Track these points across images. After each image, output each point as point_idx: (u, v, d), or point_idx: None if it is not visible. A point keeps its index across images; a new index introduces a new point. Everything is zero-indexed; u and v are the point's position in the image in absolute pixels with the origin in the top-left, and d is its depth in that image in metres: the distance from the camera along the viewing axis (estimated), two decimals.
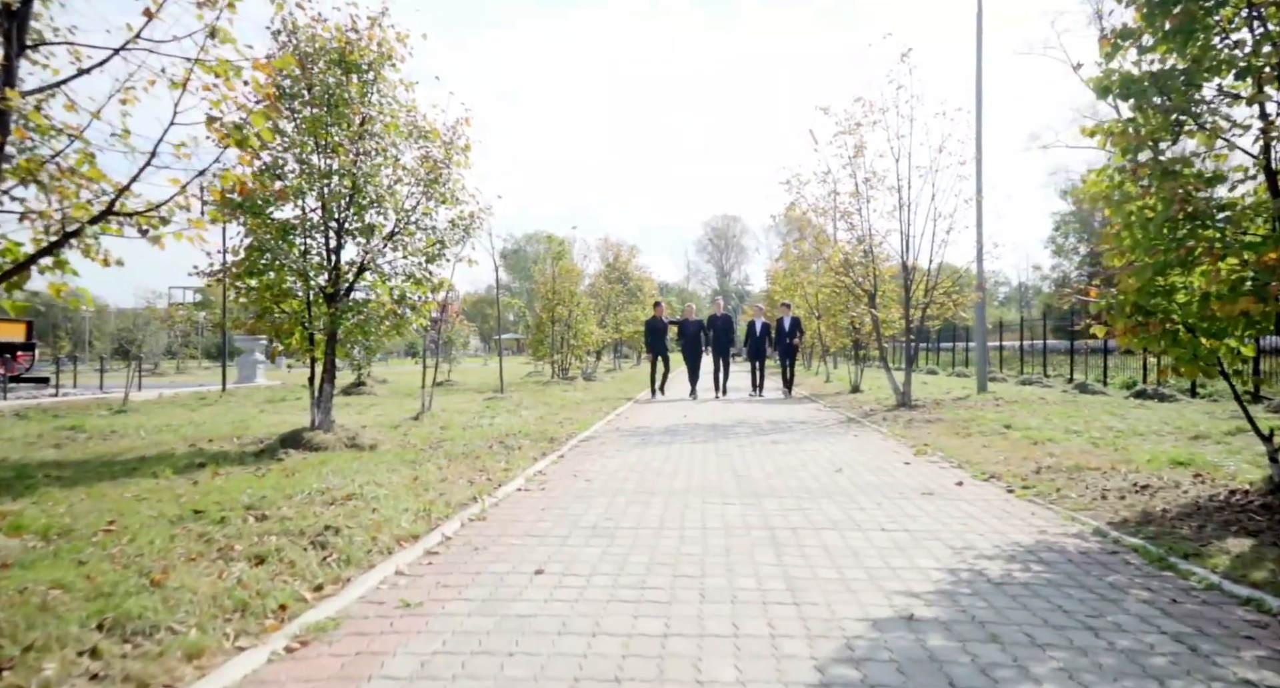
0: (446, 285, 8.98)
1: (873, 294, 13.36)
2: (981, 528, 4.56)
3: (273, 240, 7.52)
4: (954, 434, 9.02)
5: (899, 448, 8.24)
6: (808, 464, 7.20)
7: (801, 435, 9.54)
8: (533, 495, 5.73)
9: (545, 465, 7.15)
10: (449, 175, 8.70)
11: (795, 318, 16.17)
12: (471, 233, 9.23)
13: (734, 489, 5.96)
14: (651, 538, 4.42)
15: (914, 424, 10.13)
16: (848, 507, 5.25)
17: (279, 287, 7.77)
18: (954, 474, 6.48)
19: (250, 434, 9.13)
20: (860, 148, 13.16)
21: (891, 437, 9.20)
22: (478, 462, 7.00)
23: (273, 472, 6.34)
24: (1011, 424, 9.27)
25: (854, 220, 13.29)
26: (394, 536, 4.16)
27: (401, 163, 8.32)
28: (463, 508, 5.07)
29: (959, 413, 11.12)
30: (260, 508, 4.67)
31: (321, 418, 8.15)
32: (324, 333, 8.08)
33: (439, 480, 5.91)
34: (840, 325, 18.20)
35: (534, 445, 8.28)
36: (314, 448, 7.68)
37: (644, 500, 5.53)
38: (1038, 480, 5.81)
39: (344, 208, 7.93)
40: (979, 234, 14.43)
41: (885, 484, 6.08)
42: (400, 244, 8.48)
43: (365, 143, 7.87)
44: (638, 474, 6.70)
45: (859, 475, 6.53)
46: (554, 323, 22.24)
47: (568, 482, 6.34)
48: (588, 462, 7.42)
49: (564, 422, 10.92)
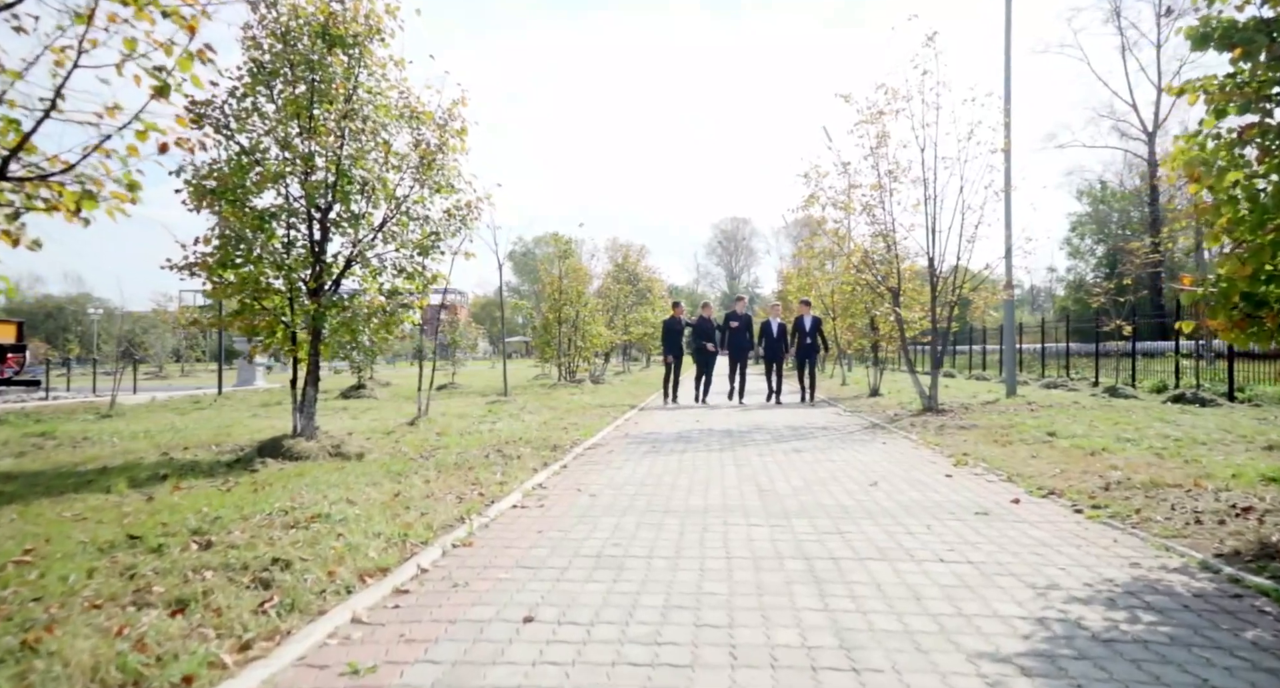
0: (441, 280, 8.29)
1: (897, 292, 12.61)
2: (1060, 559, 3.83)
3: (249, 230, 6.84)
4: (993, 442, 8.27)
5: (935, 458, 7.50)
6: (838, 476, 6.47)
7: (825, 443, 8.81)
8: (529, 514, 5.03)
9: (546, 477, 6.45)
10: (444, 161, 8.02)
11: (816, 317, 15.12)
12: (469, 224, 8.56)
13: (758, 507, 5.24)
14: (666, 571, 3.71)
15: (946, 431, 9.38)
16: (893, 530, 4.52)
17: (256, 281, 7.10)
18: (1005, 490, 5.74)
19: (231, 441, 8.47)
20: (883, 137, 12.42)
21: (924, 445, 8.46)
22: (471, 473, 6.30)
23: (240, 485, 5.66)
24: (1055, 431, 8.51)
25: (876, 214, 12.55)
26: (357, 569, 3.46)
27: (392, 147, 7.64)
28: (447, 531, 4.37)
29: (993, 418, 10.36)
30: (208, 533, 3.99)
31: (304, 424, 7.47)
32: (306, 331, 7.41)
33: (423, 497, 5.21)
34: (858, 326, 17.44)
35: (535, 454, 7.58)
36: (294, 457, 7.01)
37: (656, 521, 4.82)
38: (1109, 499, 5.06)
39: (328, 195, 7.26)
40: (1008, 228, 13.67)
41: (930, 502, 5.35)
42: (391, 235, 7.80)
43: (351, 123, 7.19)
44: (649, 489, 5.99)
45: (898, 490, 5.80)
46: (561, 324, 21.55)
47: (570, 497, 5.64)
48: (593, 474, 6.71)
49: (569, 427, 10.22)
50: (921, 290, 14.35)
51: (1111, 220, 54.55)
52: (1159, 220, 45.51)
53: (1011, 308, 14.38)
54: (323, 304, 7.20)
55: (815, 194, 12.65)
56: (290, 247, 7.31)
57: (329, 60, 7.17)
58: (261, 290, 7.28)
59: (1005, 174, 13.11)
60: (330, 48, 7.17)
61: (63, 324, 77.65)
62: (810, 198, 12.71)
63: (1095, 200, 55.41)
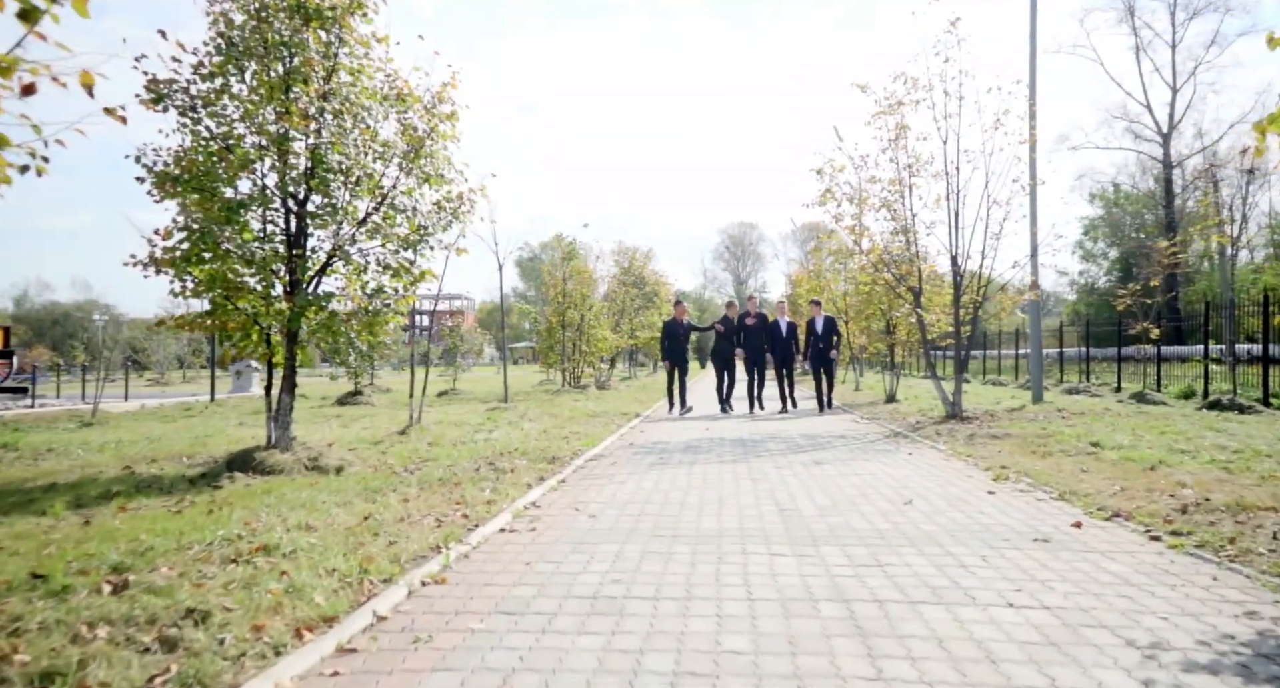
0: (430, 277, 7.65)
1: (918, 292, 11.92)
2: (1156, 605, 3.15)
3: (216, 222, 6.22)
4: (1030, 453, 7.58)
5: (970, 471, 6.82)
6: (866, 493, 5.80)
7: (846, 454, 8.13)
8: (518, 541, 4.37)
9: (541, 494, 5.80)
10: (432, 148, 7.39)
11: (829, 318, 13.91)
12: (461, 217, 7.92)
13: (780, 531, 4.58)
14: (676, 619, 3.05)
15: (977, 440, 8.69)
16: (942, 561, 3.85)
17: (226, 278, 6.47)
18: (1060, 510, 5.06)
19: (206, 453, 7.85)
20: (902, 129, 11.75)
21: (955, 456, 7.77)
22: (457, 490, 5.64)
23: (196, 506, 5.02)
24: (1099, 442, 7.80)
25: (896, 210, 11.87)
26: (294, 621, 2.81)
27: (376, 132, 7.01)
28: (417, 564, 3.71)
29: (1024, 427, 9.66)
30: (130, 569, 3.34)
31: (279, 435, 6.84)
32: (281, 333, 6.78)
33: (397, 520, 4.56)
34: (873, 329, 16.74)
35: (530, 467, 6.92)
36: (265, 471, 6.38)
37: (664, 550, 4.16)
38: (1190, 524, 4.37)
39: (303, 184, 6.63)
40: (1033, 225, 12.96)
41: (977, 524, 4.68)
42: (375, 229, 7.16)
43: (329, 104, 6.57)
44: (655, 507, 5.33)
45: (937, 510, 5.12)
46: (564, 328, 20.90)
47: (566, 519, 4.98)
48: (593, 489, 6.05)
49: (570, 436, 9.56)
50: (940, 291, 13.67)
51: (1125, 223, 53.65)
52: (1174, 223, 44.67)
53: (1038, 310, 13.68)
54: (298, 304, 6.57)
55: (830, 189, 11.98)
56: (266, 241, 6.69)
57: (305, 36, 6.56)
58: (234, 288, 6.66)
59: (1030, 167, 12.43)
60: (306, 23, 6.56)
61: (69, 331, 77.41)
62: (825, 194, 12.04)
63: (1108, 203, 54.57)
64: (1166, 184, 46.94)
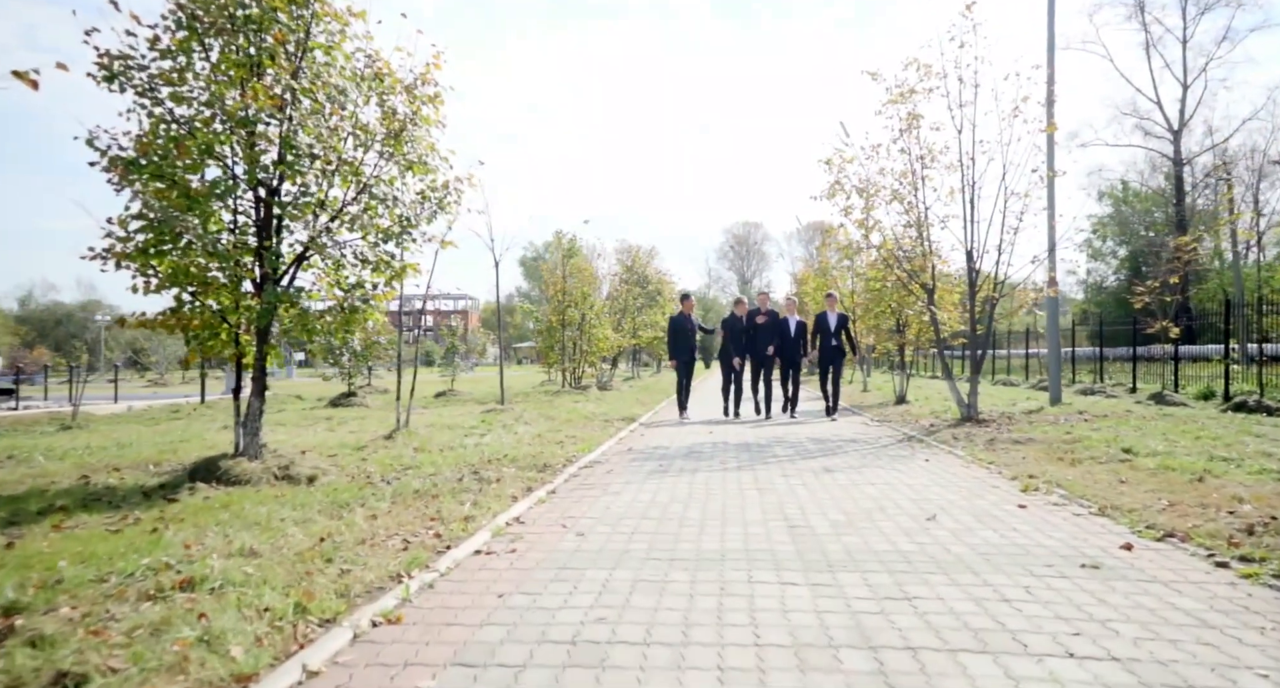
0: (413, 272, 7.14)
1: (931, 289, 11.38)
2: (1250, 656, 2.61)
3: (173, 210, 5.71)
4: (1058, 461, 7.05)
5: (996, 481, 6.28)
6: (884, 506, 5.27)
7: (858, 460, 7.60)
8: (494, 566, 3.85)
9: (526, 508, 5.28)
10: (414, 133, 6.88)
11: (842, 315, 12.70)
12: (447, 208, 7.41)
13: (791, 553, 4.05)
14: (669, 673, 2.53)
15: (998, 446, 8.15)
16: (979, 593, 3.32)
17: (187, 271, 5.96)
18: (1104, 528, 4.53)
19: (176, 459, 7.36)
20: (914, 118, 11.21)
21: (975, 462, 7.24)
22: (434, 504, 5.13)
23: (141, 523, 4.52)
24: (1131, 448, 7.26)
25: (908, 203, 11.33)
26: (198, 683, 2.29)
27: (353, 114, 6.49)
28: (371, 598, 3.20)
29: (1047, 431, 9.11)
30: (24, 610, 2.83)
31: (247, 441, 6.33)
32: (249, 331, 6.27)
33: (358, 542, 4.04)
34: (883, 328, 16.19)
35: (519, 476, 6.41)
36: (231, 481, 5.88)
37: (659, 577, 3.64)
38: (1259, 547, 3.83)
39: (273, 171, 6.12)
40: (1051, 218, 12.41)
41: (1013, 545, 4.15)
42: (353, 219, 6.65)
43: (299, 82, 6.06)
44: (651, 524, 4.81)
45: (965, 527, 4.59)
46: (565, 327, 20.38)
47: (551, 537, 4.46)
48: (584, 502, 5.53)
49: (565, 441, 9.04)
50: (951, 290, 13.13)
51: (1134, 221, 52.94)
52: (1185, 221, 44.00)
53: (1056, 308, 13.11)
54: (267, 300, 6.06)
55: (840, 181, 11.44)
56: (238, 232, 6.20)
57: (275, 13, 6.04)
58: (201, 283, 6.16)
59: (1048, 157, 11.88)
60: None
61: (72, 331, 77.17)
62: (834, 186, 11.50)
63: (1117, 201, 53.89)
64: (1177, 181, 46.27)
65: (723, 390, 12.94)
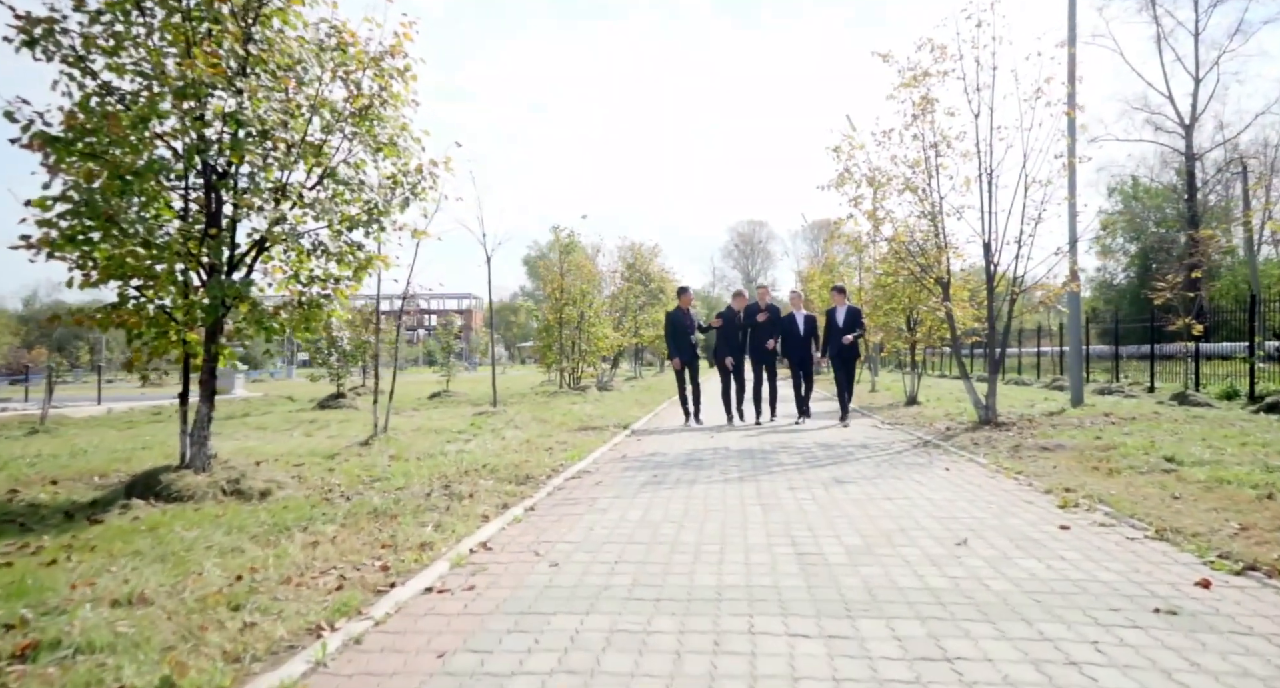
0: (379, 263, 6.49)
1: (946, 284, 10.71)
2: None
3: (107, 195, 5.08)
4: (1092, 470, 6.38)
5: (1028, 494, 5.62)
6: (905, 527, 4.62)
7: (872, 469, 6.94)
8: (444, 609, 3.21)
9: (498, 529, 4.63)
10: (383, 113, 6.23)
11: (853, 308, 11.39)
12: (420, 194, 6.77)
13: (800, 592, 3.40)
14: None
15: (1024, 453, 7.48)
16: (1037, 651, 2.67)
17: (124, 263, 5.32)
18: (1167, 557, 3.86)
19: (126, 470, 6.77)
20: (928, 102, 10.53)
21: (1002, 472, 6.58)
22: (390, 526, 4.49)
23: (42, 552, 3.89)
24: (1174, 457, 6.58)
25: (922, 192, 10.65)
26: None
27: (311, 87, 5.84)
28: (272, 663, 2.55)
29: (1074, 435, 8.44)
30: None
31: (194, 452, 5.70)
32: (192, 328, 5.63)
33: (283, 580, 3.39)
34: (892, 326, 15.50)
35: (496, 490, 5.77)
36: (171, 497, 5.26)
37: (640, 625, 2.99)
38: None
39: (219, 150, 5.47)
40: (1072, 209, 11.74)
41: (1064, 580, 3.48)
42: (312, 206, 6.00)
43: (247, 48, 5.41)
44: (639, 550, 4.16)
45: (1003, 555, 3.93)
46: (562, 326, 19.73)
47: (520, 568, 3.81)
48: (566, 521, 4.88)
49: (555, 447, 8.40)
50: (963, 285, 12.45)
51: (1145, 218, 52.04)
52: (1197, 216, 43.15)
53: (1078, 303, 12.41)
54: (212, 294, 5.42)
55: (849, 169, 10.77)
56: (190, 219, 5.56)
57: None
58: (147, 276, 5.53)
59: (1070, 134, 11.16)
60: None
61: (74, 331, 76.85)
62: (843, 175, 10.83)
63: (1126, 197, 52.99)
64: (1189, 177, 45.41)
65: (722, 395, 11.64)
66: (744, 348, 11.44)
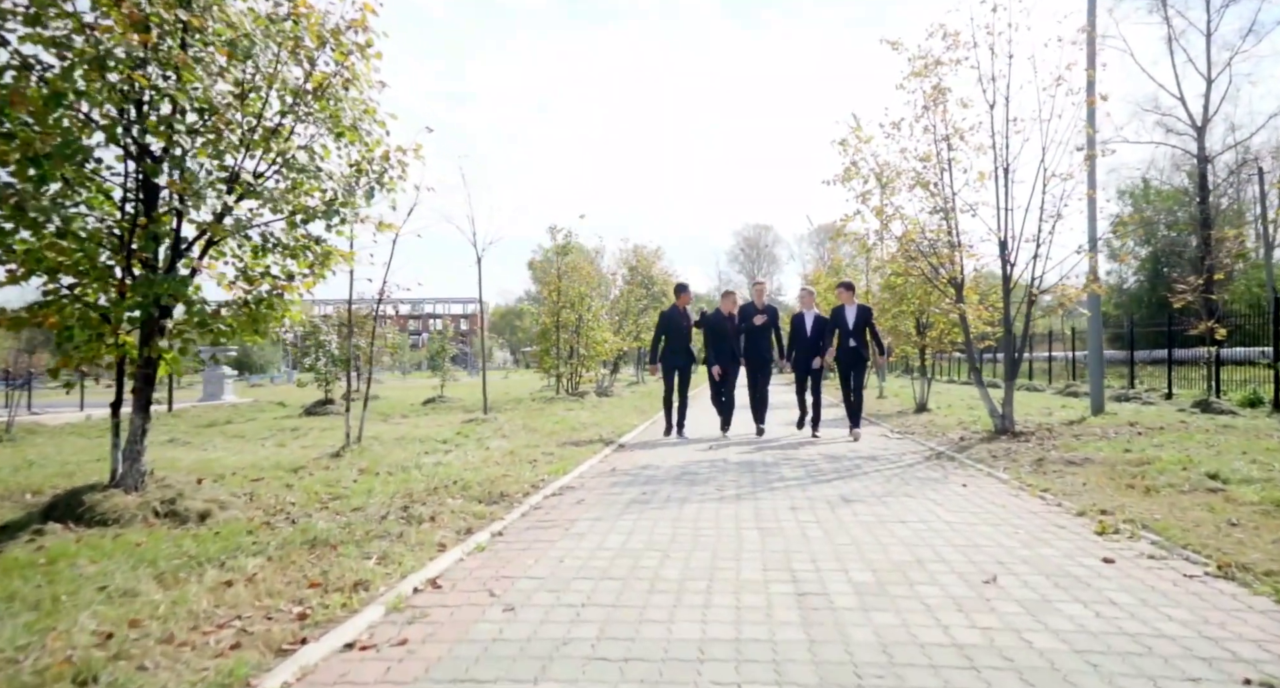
0: (338, 259, 5.89)
1: (960, 285, 10.08)
2: None
3: (14, 177, 4.49)
4: (1128, 488, 5.75)
5: (1057, 516, 4.99)
6: (923, 558, 4.00)
7: (882, 486, 6.32)
8: (360, 675, 2.60)
9: (454, 561, 4.03)
10: (341, 93, 5.65)
11: (863, 307, 10.04)
12: (388, 184, 6.19)
13: (800, 645, 2.79)
14: None
15: (1047, 467, 6.85)
16: None
17: (41, 254, 4.74)
18: (1238, 601, 3.23)
19: (67, 485, 6.12)
20: (940, 92, 9.92)
21: (1025, 489, 5.96)
22: (328, 558, 3.89)
23: None
24: (1217, 473, 5.95)
25: (933, 188, 10.03)
26: None
27: (256, 59, 5.23)
28: None
29: (1100, 448, 7.80)
30: None
31: (126, 468, 5.11)
32: (119, 330, 5.03)
33: (164, 638, 2.78)
34: (901, 329, 14.87)
35: (463, 511, 5.16)
36: (95, 520, 4.68)
37: None
38: None
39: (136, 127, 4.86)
40: (1091, 203, 11.11)
41: (1122, 635, 2.86)
42: (261, 195, 5.40)
43: (176, 11, 4.81)
44: (612, 589, 3.55)
45: (1041, 598, 3.31)
46: (559, 329, 19.13)
47: (468, 615, 3.20)
48: (533, 551, 4.27)
49: (540, 460, 7.79)
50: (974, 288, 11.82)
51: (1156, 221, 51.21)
52: (1210, 218, 42.36)
53: (1098, 305, 11.75)
54: (140, 291, 4.83)
55: (856, 162, 10.16)
56: (97, 206, 4.98)
57: None
58: (77, 273, 4.95)
59: (1089, 137, 10.54)
60: None
61: None
62: (849, 168, 10.22)
63: (1136, 200, 52.18)
64: (1201, 179, 44.60)
65: (714, 401, 10.55)
66: (737, 355, 10.33)
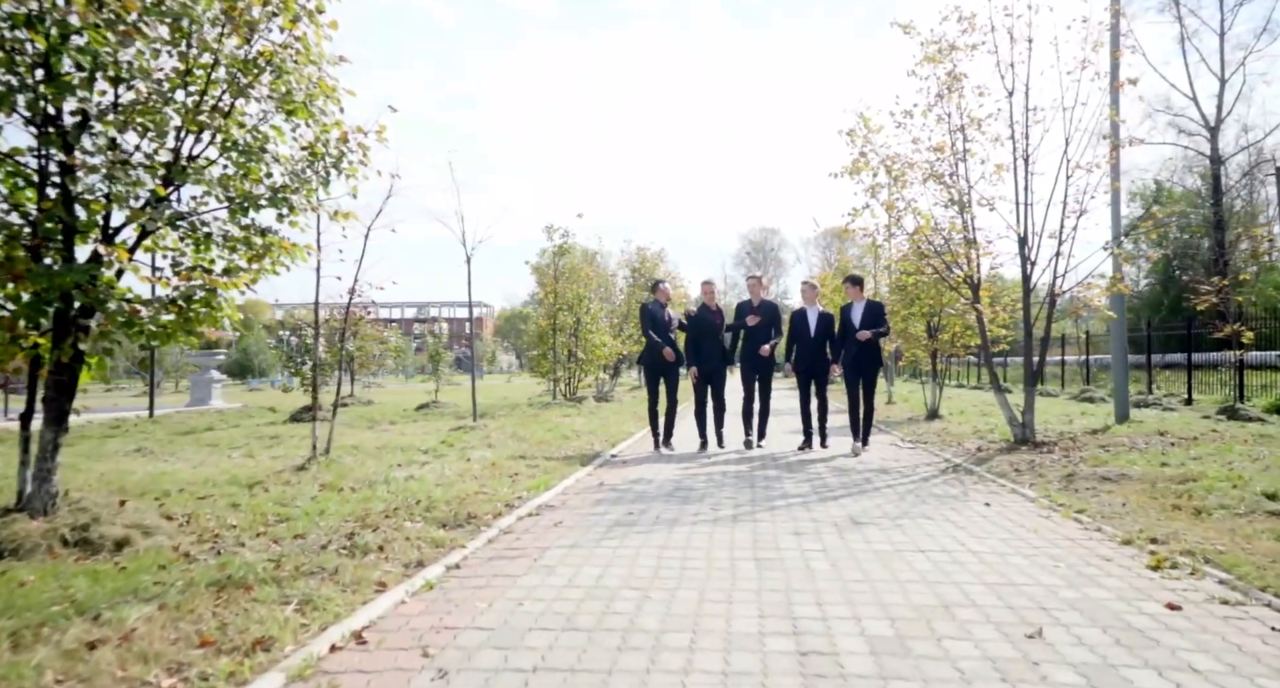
0: (290, 252, 5.25)
1: (976, 285, 9.42)
2: None
3: None
4: (1173, 510, 5.09)
5: (1099, 544, 4.33)
6: (949, 601, 3.35)
7: (896, 504, 5.66)
8: None
9: (391, 606, 3.38)
10: (286, 65, 5.02)
11: (873, 303, 8.93)
12: (346, 169, 5.57)
13: None
14: None
15: (1078, 484, 6.18)
16: None
17: None
18: None
19: None
20: (955, 78, 9.27)
21: (1057, 510, 5.30)
22: (233, 606, 3.24)
23: None
24: (1275, 493, 5.28)
25: (947, 181, 9.37)
26: None
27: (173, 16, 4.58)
28: None
29: (1133, 461, 7.11)
30: None
31: (34, 489, 4.48)
32: (17, 328, 4.40)
33: None
34: (911, 332, 14.18)
35: (421, 536, 4.53)
36: None
37: None
38: None
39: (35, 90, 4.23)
40: (1114, 196, 10.44)
41: None
42: (190, 173, 4.76)
43: None
44: (574, 646, 2.90)
45: (1104, 663, 2.66)
46: (556, 332, 18.50)
47: (386, 685, 2.56)
48: (490, 590, 3.62)
49: (521, 473, 7.16)
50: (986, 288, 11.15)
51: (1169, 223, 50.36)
52: (1224, 221, 41.54)
53: (1123, 305, 11.05)
54: (39, 284, 4.19)
55: (865, 153, 9.51)
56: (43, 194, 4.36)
57: None
58: None
59: (1112, 123, 9.87)
60: None
61: None
62: (858, 159, 9.56)
63: (1148, 201, 51.34)
64: (1214, 180, 43.78)
65: (695, 413, 9.54)
66: (728, 357, 9.50)
